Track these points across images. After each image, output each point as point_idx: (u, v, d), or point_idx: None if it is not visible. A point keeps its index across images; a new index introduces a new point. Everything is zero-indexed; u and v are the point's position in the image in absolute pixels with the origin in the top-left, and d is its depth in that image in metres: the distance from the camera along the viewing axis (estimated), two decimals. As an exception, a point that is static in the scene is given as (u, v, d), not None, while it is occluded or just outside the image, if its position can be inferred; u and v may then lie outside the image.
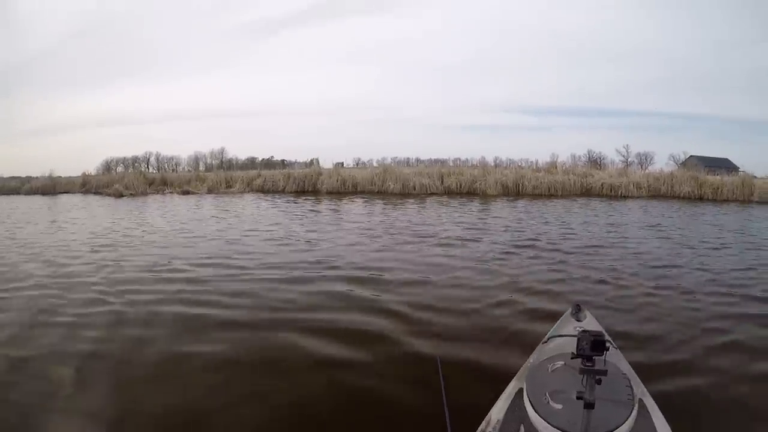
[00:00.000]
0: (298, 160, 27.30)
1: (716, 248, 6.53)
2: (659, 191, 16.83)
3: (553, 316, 2.73)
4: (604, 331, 1.96)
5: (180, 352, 2.94)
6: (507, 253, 5.99)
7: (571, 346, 1.44)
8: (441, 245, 6.56)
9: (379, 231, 8.00)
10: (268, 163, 27.87)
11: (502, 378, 1.92)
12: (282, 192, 18.82)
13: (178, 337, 3.19)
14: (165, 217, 11.21)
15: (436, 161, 24.78)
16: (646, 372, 2.00)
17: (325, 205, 13.58)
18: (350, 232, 7.90)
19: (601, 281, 4.54)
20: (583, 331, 1.40)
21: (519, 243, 6.72)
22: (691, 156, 27.46)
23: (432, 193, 17.05)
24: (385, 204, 13.62)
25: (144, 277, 4.88)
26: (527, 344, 2.44)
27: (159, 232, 8.38)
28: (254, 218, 10.30)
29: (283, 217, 10.52)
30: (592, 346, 1.31)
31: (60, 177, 24.47)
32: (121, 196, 19.47)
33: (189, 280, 4.67)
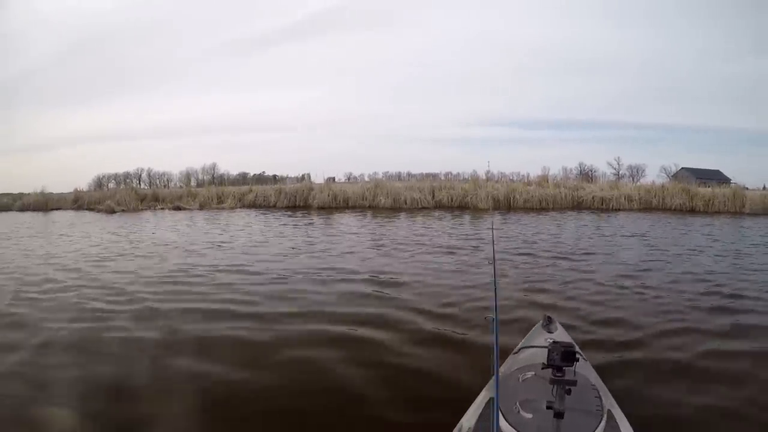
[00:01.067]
0: (289, 176, 27.43)
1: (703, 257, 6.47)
2: (650, 204, 16.79)
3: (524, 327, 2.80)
4: (574, 343, 1.98)
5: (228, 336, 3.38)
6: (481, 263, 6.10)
7: (541, 356, 1.43)
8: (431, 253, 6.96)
9: (385, 241, 8.50)
10: (260, 179, 27.91)
11: (474, 387, 1.94)
12: (274, 207, 18.74)
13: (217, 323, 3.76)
14: (168, 230, 11.45)
15: (428, 175, 24.71)
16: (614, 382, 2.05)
17: (321, 220, 13.65)
18: (358, 243, 8.36)
19: (572, 295, 4.56)
20: (554, 342, 1.41)
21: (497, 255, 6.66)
22: (682, 168, 27.58)
23: (423, 208, 16.98)
24: (381, 218, 13.65)
25: (177, 279, 5.49)
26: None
27: (172, 244, 8.74)
28: (261, 232, 10.46)
29: (287, 230, 10.74)
30: (562, 357, 1.32)
31: (52, 193, 24.40)
32: (113, 212, 19.38)
33: (218, 284, 5.21)
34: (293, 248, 7.90)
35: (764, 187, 20.69)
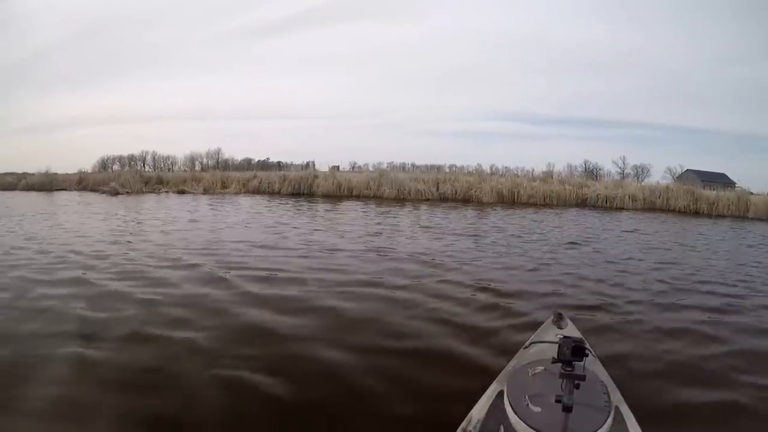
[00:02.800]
0: (293, 163, 27.33)
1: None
2: (655, 204, 16.78)
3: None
4: (584, 338, 2.03)
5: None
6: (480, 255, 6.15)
7: (551, 351, 1.47)
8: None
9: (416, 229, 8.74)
10: (264, 165, 27.82)
11: (485, 379, 1.96)
12: (278, 194, 18.77)
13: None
14: (183, 213, 11.54)
15: (432, 167, 24.74)
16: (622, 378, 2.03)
17: (331, 207, 13.63)
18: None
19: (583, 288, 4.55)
20: (565, 337, 1.43)
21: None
22: (687, 170, 27.40)
23: (427, 199, 17.01)
24: (389, 207, 13.62)
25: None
26: (509, 348, 2.53)
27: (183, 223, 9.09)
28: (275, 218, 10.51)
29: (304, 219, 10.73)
30: (572, 352, 1.35)
31: (56, 174, 24.49)
32: (117, 194, 19.44)
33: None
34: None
35: (770, 192, 20.51)
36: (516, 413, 1.56)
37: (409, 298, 4.00)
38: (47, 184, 23.01)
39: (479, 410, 1.68)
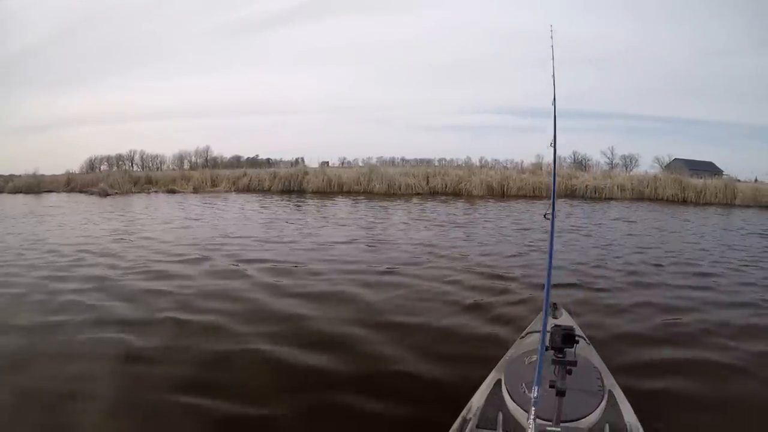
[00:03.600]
0: (283, 159, 27.10)
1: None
2: (643, 194, 16.90)
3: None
4: (576, 326, 2.09)
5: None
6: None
7: (546, 340, 1.54)
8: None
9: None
10: (253, 162, 27.61)
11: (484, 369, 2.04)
12: (268, 191, 18.68)
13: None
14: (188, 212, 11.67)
15: (422, 161, 24.72)
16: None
17: (324, 203, 13.63)
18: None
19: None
20: (556, 325, 1.48)
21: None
22: (675, 159, 27.42)
23: (417, 193, 17.03)
24: (381, 202, 13.64)
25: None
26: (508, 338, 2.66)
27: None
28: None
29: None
30: (563, 339, 1.40)
31: (44, 175, 24.15)
32: (106, 195, 19.20)
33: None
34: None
35: (756, 180, 20.78)
36: (514, 400, 1.64)
37: (403, 282, 4.35)
38: (35, 186, 22.65)
39: (479, 398, 1.74)
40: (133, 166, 28.07)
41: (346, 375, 2.58)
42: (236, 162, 27.79)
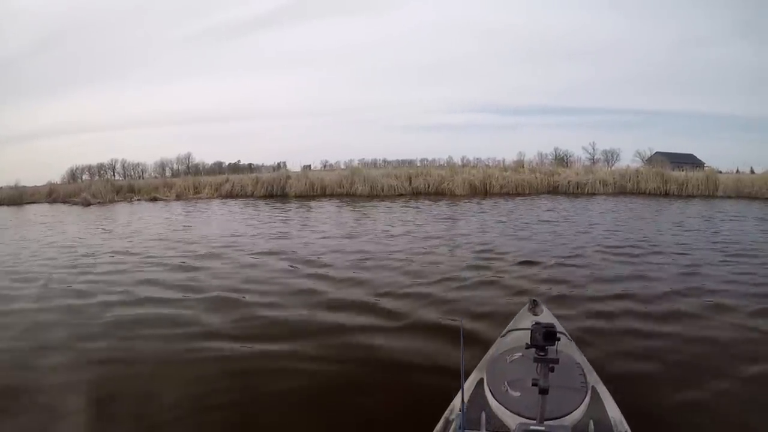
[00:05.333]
0: (264, 164, 26.93)
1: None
2: (625, 188, 16.96)
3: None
4: (557, 323, 2.09)
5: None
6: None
7: (526, 338, 1.50)
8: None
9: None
10: (235, 168, 27.39)
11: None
12: (251, 196, 18.52)
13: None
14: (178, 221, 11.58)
15: (404, 162, 24.65)
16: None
17: (309, 206, 13.63)
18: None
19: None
20: (536, 323, 1.46)
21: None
22: (656, 152, 27.32)
23: (400, 195, 16.95)
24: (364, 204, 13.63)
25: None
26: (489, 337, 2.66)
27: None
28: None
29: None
30: (544, 337, 1.37)
31: (25, 187, 23.88)
32: (89, 204, 18.99)
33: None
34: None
35: (737, 171, 20.87)
36: (496, 399, 1.62)
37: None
38: (17, 197, 22.40)
39: (461, 399, 1.68)
40: (114, 175, 27.76)
41: (326, 368, 2.68)
42: (218, 168, 27.62)
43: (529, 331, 1.45)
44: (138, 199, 19.89)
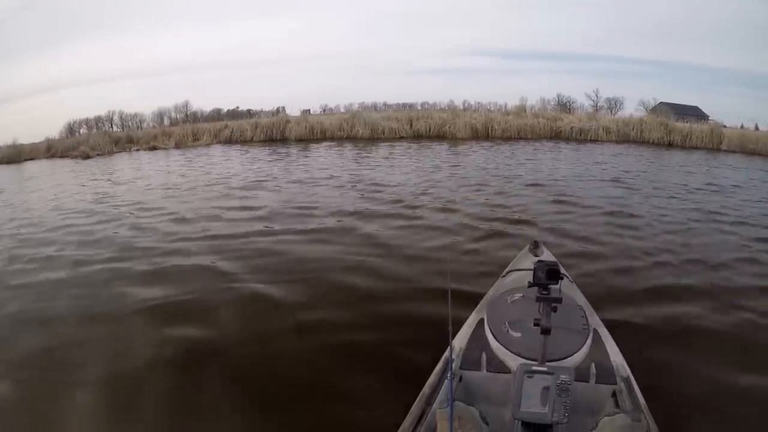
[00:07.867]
0: (263, 110, 26.67)
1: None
2: (629, 136, 16.74)
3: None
4: (559, 263, 2.02)
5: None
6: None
7: (528, 278, 1.47)
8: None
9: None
10: (234, 114, 27.09)
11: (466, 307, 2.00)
12: (250, 141, 18.32)
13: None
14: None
15: (404, 105, 24.43)
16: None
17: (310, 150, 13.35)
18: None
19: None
20: (539, 261, 1.42)
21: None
22: (661, 102, 26.90)
23: (401, 137, 16.74)
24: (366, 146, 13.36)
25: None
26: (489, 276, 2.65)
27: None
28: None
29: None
30: (547, 275, 1.34)
31: (23, 144, 23.63)
32: (88, 157, 18.73)
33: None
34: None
35: (742, 126, 20.65)
36: (497, 339, 1.60)
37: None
38: (15, 156, 22.09)
39: (461, 339, 1.69)
40: (113, 127, 27.44)
41: (330, 312, 2.73)
42: (216, 115, 27.27)
43: (531, 272, 1.40)
44: (137, 149, 19.67)
